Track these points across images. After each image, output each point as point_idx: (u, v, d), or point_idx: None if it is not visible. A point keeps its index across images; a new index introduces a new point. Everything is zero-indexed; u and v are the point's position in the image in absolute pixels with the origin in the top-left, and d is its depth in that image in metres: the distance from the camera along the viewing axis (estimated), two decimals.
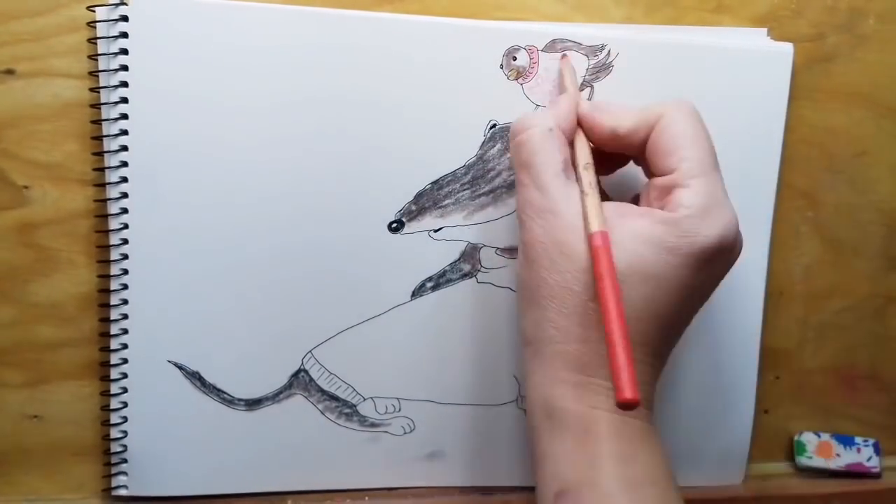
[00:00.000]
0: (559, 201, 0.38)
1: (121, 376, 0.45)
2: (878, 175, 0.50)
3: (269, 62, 0.43)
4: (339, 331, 0.46)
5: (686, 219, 0.36)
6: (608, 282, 0.34)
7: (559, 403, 0.37)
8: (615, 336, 0.33)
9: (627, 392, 0.31)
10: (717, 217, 0.37)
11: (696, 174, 0.37)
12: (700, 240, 0.36)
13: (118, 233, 0.44)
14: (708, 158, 0.38)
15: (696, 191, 0.37)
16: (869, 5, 0.48)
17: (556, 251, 0.37)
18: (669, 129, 0.38)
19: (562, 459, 0.37)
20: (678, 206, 0.37)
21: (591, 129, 0.41)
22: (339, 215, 0.45)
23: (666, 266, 0.36)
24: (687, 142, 0.38)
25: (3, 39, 0.42)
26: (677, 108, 0.39)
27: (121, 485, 0.46)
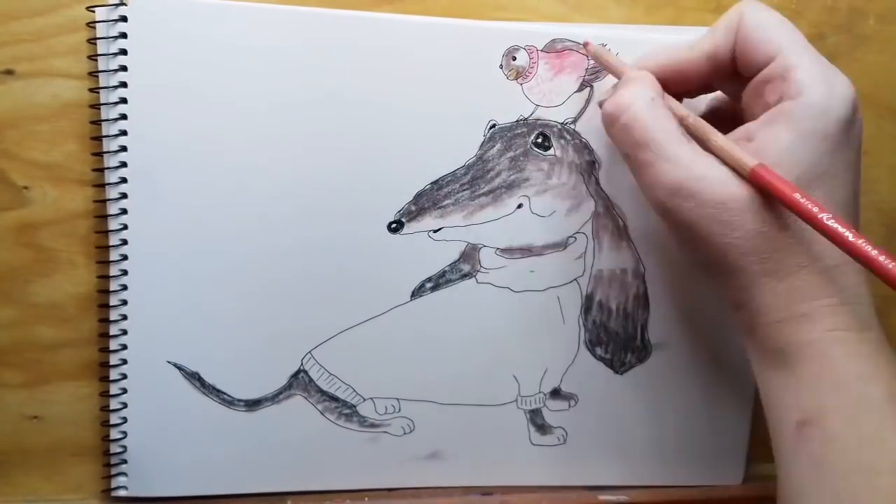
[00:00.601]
0: (695, 165, 0.36)
1: (120, 377, 0.45)
2: (878, 175, 0.50)
3: (268, 62, 0.43)
4: (339, 331, 0.46)
5: (818, 96, 0.35)
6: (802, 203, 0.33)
7: (791, 340, 0.36)
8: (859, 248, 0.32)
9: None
10: (838, 85, 0.35)
11: (800, 49, 0.36)
12: (838, 112, 0.35)
13: (118, 233, 0.44)
14: (801, 38, 0.37)
15: (810, 64, 0.36)
16: (869, 5, 0.48)
17: (723, 212, 0.35)
18: (755, 22, 0.37)
19: (802, 390, 0.36)
20: (801, 87, 0.35)
21: (681, 71, 0.40)
22: (338, 215, 0.45)
23: (829, 155, 0.35)
24: (778, 25, 0.37)
25: (3, 39, 0.42)
26: (751, 4, 0.38)
27: (120, 485, 0.46)
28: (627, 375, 0.49)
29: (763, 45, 0.37)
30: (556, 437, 0.49)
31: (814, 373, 0.35)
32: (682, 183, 0.36)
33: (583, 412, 0.49)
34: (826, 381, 0.35)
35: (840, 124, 0.35)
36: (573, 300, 0.47)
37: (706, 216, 0.36)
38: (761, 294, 0.36)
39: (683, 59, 0.40)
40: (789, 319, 0.36)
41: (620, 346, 0.48)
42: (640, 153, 0.37)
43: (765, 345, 0.38)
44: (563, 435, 0.49)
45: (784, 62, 0.36)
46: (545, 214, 0.46)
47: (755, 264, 0.36)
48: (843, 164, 0.36)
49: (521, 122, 0.45)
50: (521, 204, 0.46)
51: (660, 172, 0.37)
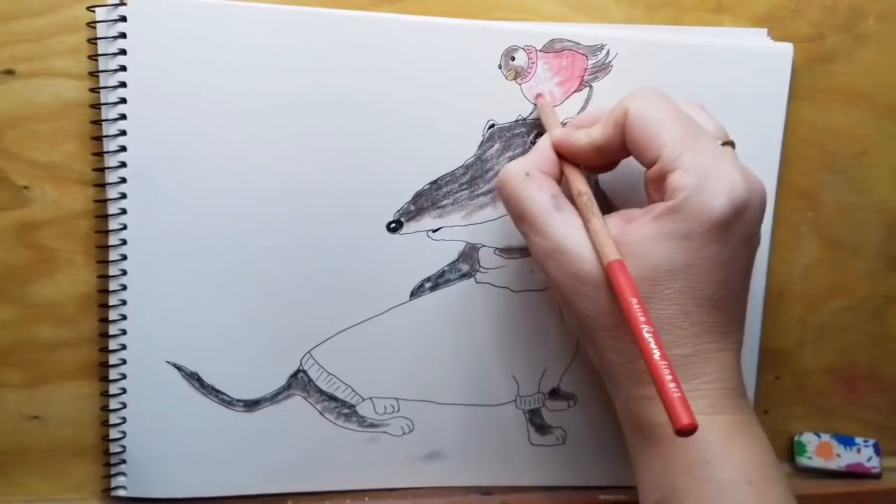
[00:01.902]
0: (560, 238, 0.38)
1: (120, 377, 0.45)
2: (878, 175, 0.50)
3: (267, 62, 0.43)
4: (338, 331, 0.46)
5: (686, 201, 0.36)
6: (628, 309, 0.34)
7: (645, 420, 0.37)
8: (657, 368, 0.32)
9: (684, 419, 0.31)
10: (716, 185, 0.36)
11: (679, 152, 0.36)
12: (709, 214, 0.35)
13: (117, 233, 0.44)
14: (684, 133, 0.37)
15: (685, 169, 0.36)
16: (869, 5, 0.48)
17: (580, 285, 0.37)
18: (640, 120, 0.38)
19: (656, 470, 0.37)
20: (674, 190, 0.36)
21: (574, 155, 0.41)
22: (337, 215, 0.45)
23: (689, 253, 0.36)
24: (658, 125, 0.37)
25: (3, 39, 0.42)
26: (637, 98, 0.38)
27: (120, 485, 0.46)
28: None
29: (646, 147, 0.38)
30: (555, 437, 0.49)
31: (665, 455, 0.36)
32: (548, 253, 0.38)
33: (582, 412, 0.49)
34: (676, 464, 0.36)
35: (709, 225, 0.35)
36: None
37: (567, 284, 0.38)
38: (614, 368, 0.38)
39: (578, 147, 0.40)
40: (640, 399, 0.37)
41: None
42: (517, 224, 0.40)
43: (625, 417, 0.39)
44: (562, 435, 0.49)
45: (662, 166, 0.37)
46: None
47: (605, 339, 0.38)
48: (710, 261, 0.36)
49: (520, 122, 0.45)
50: None
51: (532, 242, 0.39)
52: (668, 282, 0.36)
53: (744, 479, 0.35)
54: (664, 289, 0.36)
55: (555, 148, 0.41)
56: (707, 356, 0.37)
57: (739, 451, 0.36)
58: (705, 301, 0.36)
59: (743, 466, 0.36)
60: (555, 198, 0.39)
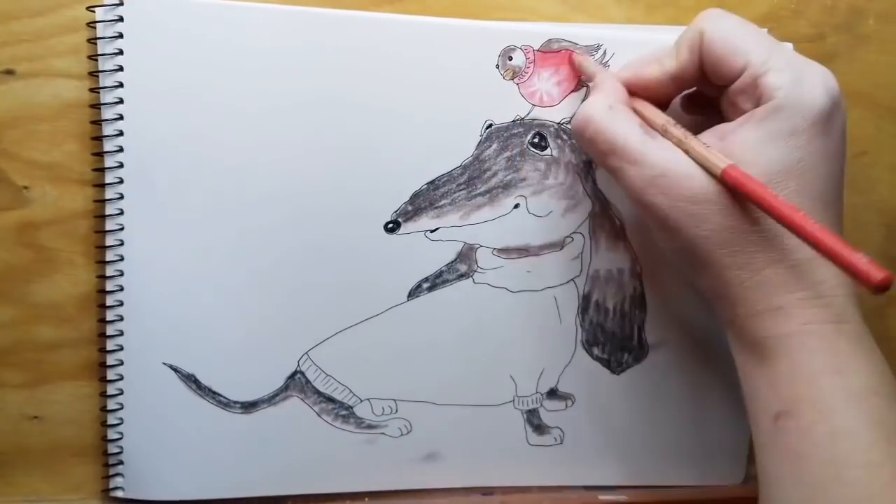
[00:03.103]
0: (663, 161, 0.37)
1: (117, 378, 0.45)
2: (878, 175, 0.50)
3: (265, 62, 0.43)
4: (336, 332, 0.46)
5: (787, 97, 0.36)
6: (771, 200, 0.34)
7: (767, 333, 0.37)
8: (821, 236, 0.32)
9: (877, 273, 0.30)
10: (812, 77, 0.36)
11: (766, 55, 0.37)
12: (812, 107, 0.36)
13: (114, 233, 0.44)
14: (768, 39, 0.38)
15: (778, 68, 0.36)
16: (869, 5, 0.48)
17: (692, 205, 0.36)
18: (718, 35, 0.38)
19: (779, 382, 0.37)
20: (772, 91, 0.36)
21: (647, 88, 0.41)
22: (334, 216, 0.45)
23: (798, 150, 0.36)
24: (741, 34, 0.38)
25: (3, 39, 0.42)
26: (710, 16, 0.39)
27: (118, 486, 0.46)
28: (624, 375, 0.48)
29: (730, 62, 0.38)
30: (553, 438, 0.49)
31: (790, 366, 0.36)
32: (650, 181, 0.37)
33: (580, 412, 0.49)
34: (801, 374, 0.36)
35: (812, 119, 0.36)
36: (570, 300, 0.47)
37: (676, 209, 0.37)
38: (735, 286, 0.37)
39: (651, 80, 0.40)
40: (764, 312, 0.37)
41: (617, 346, 0.48)
42: (608, 161, 0.39)
43: (742, 337, 0.38)
44: (560, 435, 0.49)
45: (753, 72, 0.37)
46: (542, 214, 0.46)
47: (726, 257, 0.37)
48: (818, 155, 0.36)
49: (518, 122, 0.45)
50: (518, 204, 0.46)
51: (629, 175, 0.38)
52: (784, 182, 0.36)
53: (871, 391, 0.35)
54: (780, 191, 0.35)
55: (626, 85, 0.41)
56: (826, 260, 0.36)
57: (864, 362, 0.36)
58: (818, 198, 0.36)
59: (869, 377, 0.36)
60: (643, 126, 0.38)
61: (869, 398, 0.35)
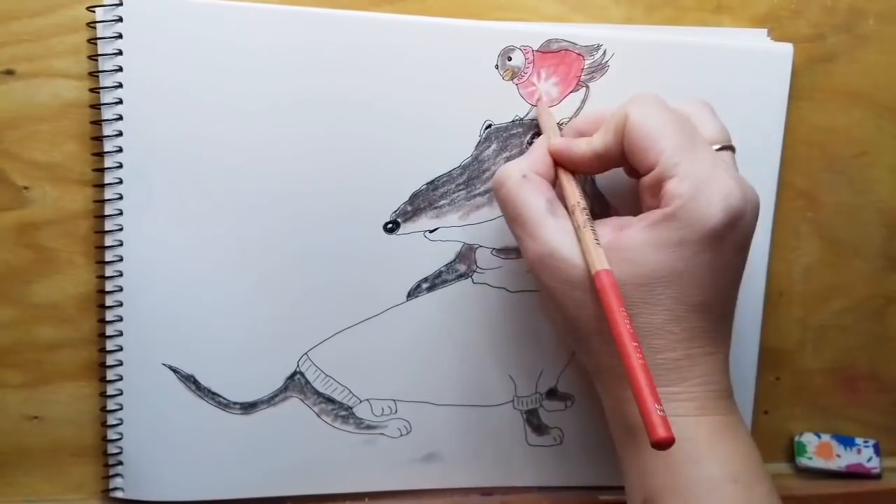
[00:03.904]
0: (553, 242, 0.38)
1: (116, 378, 0.45)
2: (878, 175, 0.50)
3: (264, 62, 0.43)
4: (335, 332, 0.46)
5: (681, 209, 0.36)
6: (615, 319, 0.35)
7: (633, 420, 0.37)
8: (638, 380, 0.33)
9: (660, 431, 0.32)
10: (712, 193, 0.36)
11: (677, 160, 0.37)
12: (704, 223, 0.36)
13: (114, 234, 0.44)
14: (685, 140, 0.37)
15: (682, 176, 0.36)
16: (869, 5, 0.48)
17: (571, 290, 0.37)
18: (638, 127, 0.38)
19: (644, 470, 0.38)
20: (670, 198, 0.36)
21: (573, 163, 0.41)
22: (334, 216, 0.45)
23: (682, 261, 0.36)
24: (657, 132, 0.37)
25: (3, 39, 0.42)
26: (639, 104, 0.38)
27: (118, 487, 0.46)
28: None
29: (644, 155, 0.38)
30: (552, 438, 0.49)
31: (655, 454, 0.36)
32: (539, 257, 0.38)
33: (579, 412, 0.49)
34: (664, 464, 0.36)
35: (701, 234, 0.36)
36: None
37: (559, 289, 0.38)
38: (607, 371, 0.38)
39: (578, 156, 0.41)
40: (629, 401, 0.37)
41: None
42: (512, 226, 0.40)
43: (614, 420, 0.39)
44: (559, 435, 0.49)
45: (659, 172, 0.37)
46: None
47: (601, 344, 0.38)
48: (703, 268, 0.36)
49: (517, 123, 0.45)
50: None
51: (524, 246, 0.39)
52: (662, 288, 0.36)
53: (730, 478, 0.36)
54: (657, 294, 0.36)
55: (553, 156, 0.41)
56: (696, 360, 0.37)
57: (725, 450, 0.37)
58: (696, 307, 0.37)
59: (729, 465, 0.36)
60: (549, 202, 0.39)
61: (728, 486, 0.36)
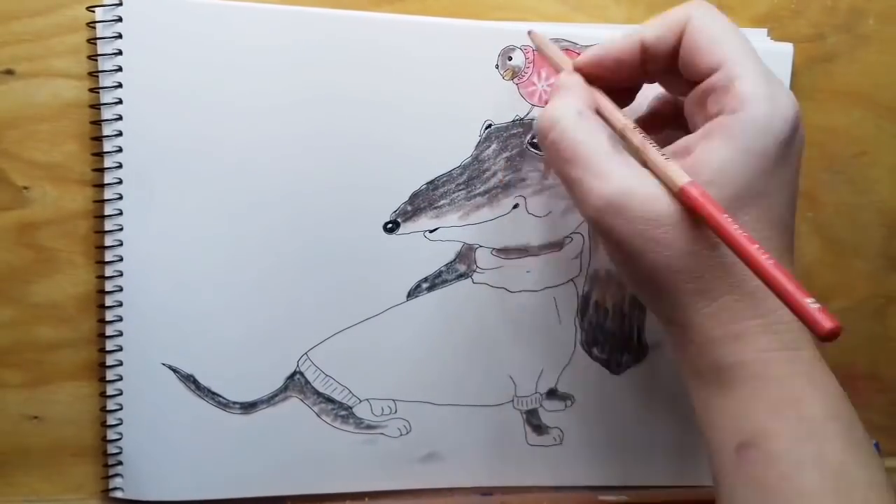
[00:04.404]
0: (627, 179, 0.35)
1: (116, 378, 0.45)
2: (878, 175, 0.50)
3: (265, 62, 0.43)
4: (335, 332, 0.46)
5: (759, 112, 0.34)
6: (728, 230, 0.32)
7: (726, 360, 0.35)
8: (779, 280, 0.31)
9: (826, 323, 0.30)
10: (783, 96, 0.35)
11: (745, 60, 0.35)
12: (782, 129, 0.34)
13: (114, 234, 0.44)
14: (748, 47, 0.36)
15: (755, 77, 0.34)
16: (869, 5, 0.48)
17: (653, 228, 0.34)
18: (703, 25, 0.36)
19: (739, 412, 0.35)
20: (744, 101, 0.34)
21: (614, 60, 0.38)
22: (334, 216, 0.45)
23: (764, 175, 0.34)
24: (726, 32, 0.36)
25: (3, 39, 0.42)
26: (701, 6, 0.37)
27: (117, 487, 0.46)
28: (624, 376, 0.48)
29: (708, 54, 0.36)
30: (552, 438, 0.49)
31: (750, 394, 0.35)
32: (610, 199, 0.35)
33: (579, 412, 0.49)
34: (763, 403, 0.34)
35: (780, 142, 0.34)
36: (569, 300, 0.47)
37: (636, 233, 0.35)
38: (693, 313, 0.35)
39: (616, 47, 0.38)
40: (722, 339, 0.35)
41: (617, 346, 0.48)
42: (569, 169, 0.36)
43: (699, 364, 0.36)
44: (559, 435, 0.49)
45: (728, 73, 0.35)
46: (541, 214, 0.46)
47: (686, 283, 0.35)
48: (779, 182, 0.35)
49: (517, 122, 0.45)
50: (517, 204, 0.46)
51: (589, 189, 0.35)
52: (748, 207, 0.34)
53: (832, 415, 0.34)
54: (743, 215, 0.34)
55: (590, 68, 0.38)
56: None
57: (821, 387, 0.35)
58: (777, 224, 0.35)
59: (828, 402, 0.35)
60: (611, 137, 0.36)
61: (831, 424, 0.34)
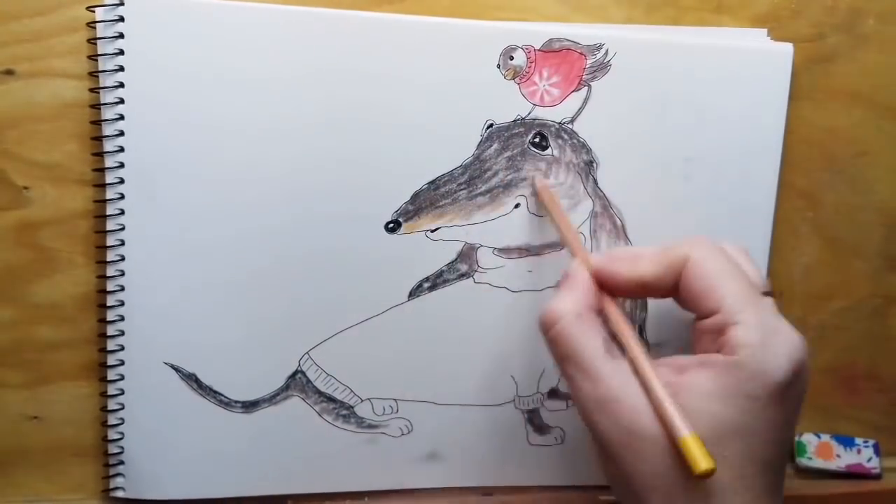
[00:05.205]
0: (615, 387, 0.35)
1: (118, 378, 0.45)
2: (878, 175, 0.50)
3: (266, 62, 0.43)
4: (336, 332, 0.46)
5: (750, 359, 0.34)
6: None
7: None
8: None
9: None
10: (779, 344, 0.35)
11: (742, 307, 0.35)
12: (773, 376, 0.34)
13: (115, 233, 0.44)
14: (748, 288, 0.36)
15: (749, 324, 0.35)
16: (869, 5, 0.48)
17: (635, 440, 0.35)
18: (701, 269, 0.37)
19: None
20: (736, 346, 0.35)
21: (615, 284, 0.39)
22: (335, 215, 0.45)
23: (750, 414, 0.34)
24: (723, 277, 0.36)
25: (3, 39, 0.42)
26: (700, 246, 0.38)
27: (118, 486, 0.46)
28: None
29: (705, 299, 0.36)
30: (553, 437, 0.49)
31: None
32: (598, 402, 0.36)
33: None
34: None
35: (772, 388, 0.34)
36: None
37: (618, 438, 0.35)
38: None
39: (620, 278, 0.39)
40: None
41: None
42: (565, 366, 0.37)
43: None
44: (560, 435, 0.49)
45: (725, 318, 0.36)
46: (543, 214, 0.46)
47: (657, 499, 0.35)
48: (769, 424, 0.35)
49: (519, 122, 0.45)
50: (519, 204, 0.46)
51: (580, 387, 0.36)
52: (728, 442, 0.34)
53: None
54: (722, 450, 0.34)
55: (597, 279, 0.39)
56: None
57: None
58: (760, 463, 0.35)
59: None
60: (606, 341, 0.37)
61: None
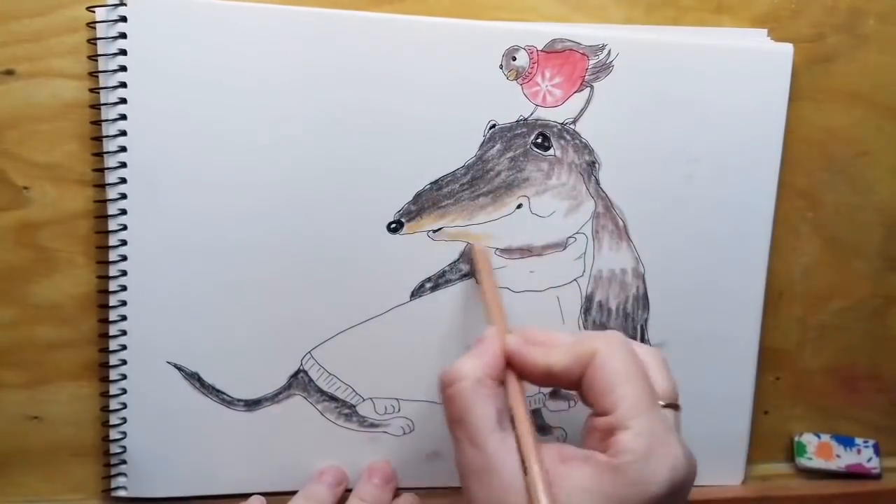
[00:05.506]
0: (496, 459, 0.36)
1: (120, 377, 0.45)
2: (878, 175, 0.50)
3: (267, 62, 0.43)
4: (339, 331, 0.46)
5: (631, 466, 0.34)
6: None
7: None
8: None
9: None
10: (663, 458, 0.35)
11: (635, 414, 0.35)
12: (648, 487, 0.34)
13: (117, 233, 0.44)
14: (646, 395, 0.36)
15: (638, 432, 0.35)
16: (869, 5, 0.48)
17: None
18: (605, 367, 0.37)
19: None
20: (620, 451, 0.35)
21: (524, 366, 0.39)
22: (338, 216, 0.45)
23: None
24: (623, 379, 0.36)
25: (3, 39, 0.42)
26: (610, 343, 0.37)
27: (120, 486, 0.46)
28: None
29: (602, 398, 0.36)
30: (555, 438, 0.49)
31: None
32: (477, 471, 0.36)
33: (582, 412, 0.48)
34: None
35: (646, 498, 0.34)
36: (573, 300, 0.47)
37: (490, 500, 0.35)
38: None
39: (530, 365, 0.39)
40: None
41: None
42: (454, 428, 0.38)
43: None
44: (562, 435, 0.49)
45: (616, 421, 0.35)
46: (545, 215, 0.46)
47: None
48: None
49: (521, 123, 0.45)
50: (521, 204, 0.46)
51: (465, 453, 0.37)
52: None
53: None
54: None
55: (507, 357, 0.39)
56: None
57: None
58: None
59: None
60: (499, 413, 0.37)
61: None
